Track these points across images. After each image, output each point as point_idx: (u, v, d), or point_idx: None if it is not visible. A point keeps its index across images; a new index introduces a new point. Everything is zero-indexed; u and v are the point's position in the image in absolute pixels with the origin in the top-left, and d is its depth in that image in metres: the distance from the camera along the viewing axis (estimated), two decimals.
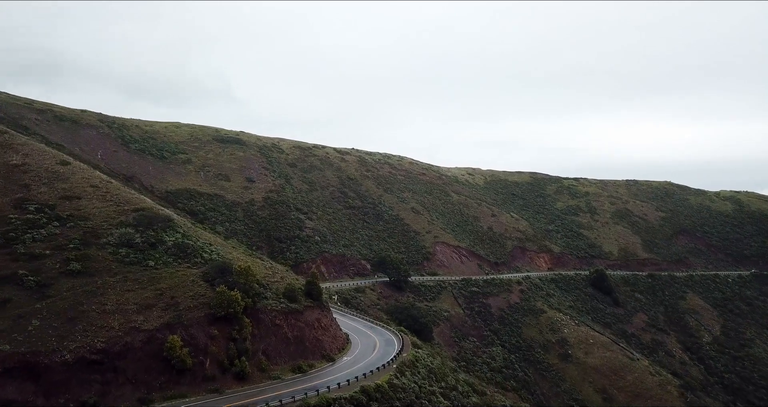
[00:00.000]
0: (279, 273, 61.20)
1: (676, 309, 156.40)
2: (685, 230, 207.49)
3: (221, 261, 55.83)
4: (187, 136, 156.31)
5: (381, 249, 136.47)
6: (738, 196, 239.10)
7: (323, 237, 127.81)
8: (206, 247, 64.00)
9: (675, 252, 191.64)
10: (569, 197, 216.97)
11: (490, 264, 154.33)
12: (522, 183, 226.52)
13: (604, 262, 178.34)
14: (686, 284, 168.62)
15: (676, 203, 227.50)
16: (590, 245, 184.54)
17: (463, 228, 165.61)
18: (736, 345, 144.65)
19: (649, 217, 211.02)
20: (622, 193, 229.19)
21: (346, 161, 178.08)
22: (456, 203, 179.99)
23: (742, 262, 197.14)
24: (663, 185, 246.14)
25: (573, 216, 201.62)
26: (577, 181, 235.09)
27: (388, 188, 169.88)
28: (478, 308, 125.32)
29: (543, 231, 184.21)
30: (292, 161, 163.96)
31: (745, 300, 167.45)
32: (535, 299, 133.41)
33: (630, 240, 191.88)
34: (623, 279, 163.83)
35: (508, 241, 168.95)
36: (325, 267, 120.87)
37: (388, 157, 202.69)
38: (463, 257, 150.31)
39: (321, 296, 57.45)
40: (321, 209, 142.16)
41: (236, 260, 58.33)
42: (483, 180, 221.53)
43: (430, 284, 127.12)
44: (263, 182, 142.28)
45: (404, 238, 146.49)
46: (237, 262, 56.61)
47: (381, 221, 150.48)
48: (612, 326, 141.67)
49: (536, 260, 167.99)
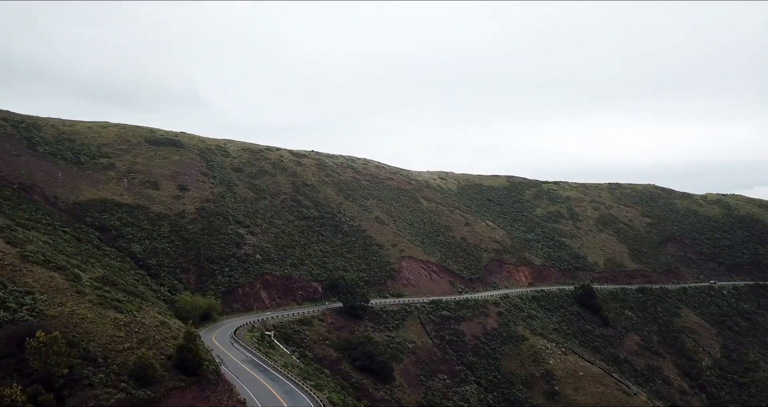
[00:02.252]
0: (148, 332, 40.45)
1: (671, 327, 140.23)
2: (673, 237, 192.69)
3: (24, 325, 35.13)
4: (114, 137, 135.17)
5: (337, 267, 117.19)
6: (726, 199, 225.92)
7: (266, 255, 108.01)
8: (20, 297, 40.88)
9: (664, 262, 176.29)
10: (549, 202, 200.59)
11: (464, 281, 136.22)
12: (498, 188, 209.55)
13: (589, 274, 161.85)
14: (680, 298, 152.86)
15: (662, 208, 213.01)
16: (574, 255, 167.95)
17: (434, 239, 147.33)
18: (739, 369, 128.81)
19: (635, 223, 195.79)
20: (605, 197, 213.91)
21: (303, 164, 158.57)
22: (426, 211, 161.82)
23: (736, 271, 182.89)
24: (647, 189, 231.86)
25: (554, 223, 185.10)
26: (557, 185, 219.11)
27: (350, 195, 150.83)
28: (449, 336, 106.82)
29: (522, 241, 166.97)
30: (238, 166, 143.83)
31: (744, 315, 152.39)
32: (515, 323, 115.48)
33: (616, 249, 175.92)
34: (611, 294, 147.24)
35: (483, 253, 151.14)
36: (265, 292, 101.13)
37: (352, 160, 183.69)
38: (433, 273, 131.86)
39: (202, 366, 38.05)
40: (267, 221, 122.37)
41: (56, 320, 37.02)
42: (456, 185, 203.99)
43: (394, 309, 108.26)
44: (199, 190, 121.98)
45: (366, 253, 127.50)
46: (55, 323, 35.71)
47: (339, 233, 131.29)
48: (602, 350, 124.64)
49: (515, 275, 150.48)
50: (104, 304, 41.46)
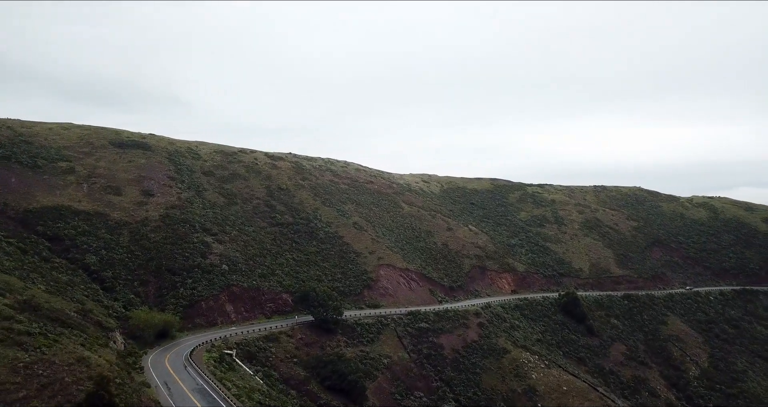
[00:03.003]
0: (56, 374, 33.87)
1: (657, 335, 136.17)
2: (659, 240, 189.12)
3: None
4: (76, 139, 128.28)
5: (310, 277, 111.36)
6: (711, 202, 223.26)
7: (233, 265, 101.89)
8: None
9: (651, 267, 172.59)
10: (533, 205, 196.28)
11: (444, 289, 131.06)
12: (482, 191, 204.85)
13: (574, 281, 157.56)
14: (666, 305, 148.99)
15: (647, 211, 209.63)
16: (558, 261, 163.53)
17: (414, 246, 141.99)
18: (727, 380, 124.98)
19: (621, 227, 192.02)
20: (591, 200, 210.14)
21: (278, 167, 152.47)
22: (407, 216, 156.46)
23: (722, 276, 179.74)
24: (633, 191, 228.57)
25: (538, 228, 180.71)
26: (542, 188, 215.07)
27: (327, 199, 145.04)
28: (427, 350, 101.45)
29: (505, 246, 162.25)
30: (209, 169, 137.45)
31: (731, 322, 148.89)
32: (497, 335, 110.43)
33: (602, 254, 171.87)
34: (597, 302, 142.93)
35: (465, 259, 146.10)
36: (231, 305, 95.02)
37: (331, 163, 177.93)
38: (412, 281, 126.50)
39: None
40: (237, 228, 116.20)
41: None
42: (439, 188, 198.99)
43: (369, 322, 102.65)
44: (165, 196, 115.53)
45: (342, 261, 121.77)
46: None
47: (315, 240, 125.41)
48: (587, 361, 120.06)
49: (498, 282, 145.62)
50: (5, 341, 35.55)
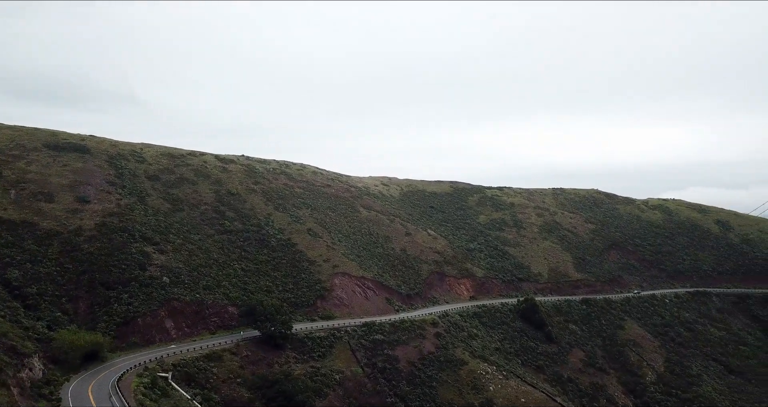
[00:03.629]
0: None
1: (615, 340, 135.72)
2: (616, 243, 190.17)
3: None
4: (6, 141, 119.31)
5: (260, 288, 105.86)
6: (666, 204, 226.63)
7: (176, 277, 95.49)
8: None
9: (608, 270, 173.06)
10: (492, 209, 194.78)
11: (402, 297, 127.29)
12: (441, 194, 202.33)
13: (533, 285, 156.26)
14: (623, 309, 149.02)
15: (605, 214, 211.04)
16: (517, 265, 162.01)
17: (372, 252, 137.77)
18: (683, 384, 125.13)
19: (579, 230, 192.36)
20: (549, 203, 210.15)
21: (229, 171, 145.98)
22: (365, 221, 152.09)
23: (677, 277, 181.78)
24: (591, 194, 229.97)
25: (497, 231, 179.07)
26: (501, 190, 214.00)
27: (281, 204, 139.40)
28: (382, 363, 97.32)
29: (464, 251, 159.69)
30: (154, 173, 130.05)
31: (686, 325, 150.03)
32: (454, 346, 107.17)
33: (560, 258, 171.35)
34: (555, 307, 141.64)
35: (423, 265, 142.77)
36: (172, 321, 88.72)
37: (286, 165, 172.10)
38: (368, 290, 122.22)
39: None
40: (182, 237, 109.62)
41: None
42: (399, 191, 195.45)
43: (321, 335, 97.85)
44: (102, 202, 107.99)
45: (294, 270, 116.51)
46: None
47: (266, 248, 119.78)
48: (546, 369, 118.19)
49: (456, 288, 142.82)
50: None
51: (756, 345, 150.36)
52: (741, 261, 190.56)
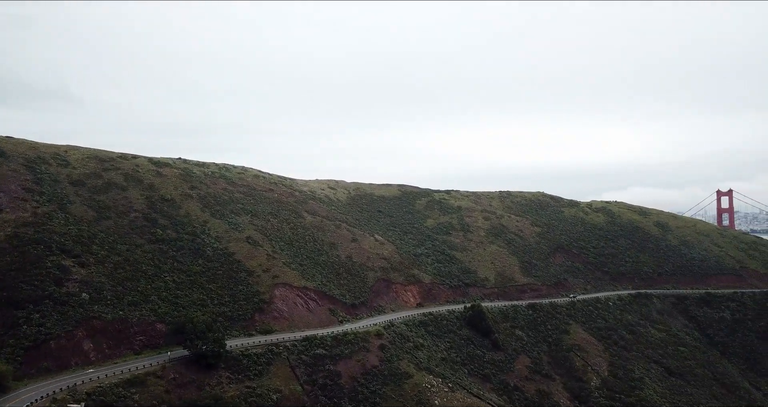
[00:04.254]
0: None
1: (561, 346, 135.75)
2: (561, 246, 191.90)
3: None
4: None
5: (192, 302, 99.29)
6: (609, 206, 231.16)
7: (97, 293, 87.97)
8: None
9: (553, 273, 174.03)
10: (440, 212, 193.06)
11: (346, 307, 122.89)
12: (390, 197, 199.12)
13: (479, 291, 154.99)
14: (569, 313, 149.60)
15: (550, 217, 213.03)
16: (464, 270, 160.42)
17: (315, 260, 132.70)
18: (626, 388, 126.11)
19: (525, 233, 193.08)
20: (496, 206, 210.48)
21: (164, 175, 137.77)
22: (309, 227, 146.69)
23: (619, 280, 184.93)
24: (537, 197, 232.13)
25: (445, 235, 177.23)
26: (449, 194, 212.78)
27: (219, 210, 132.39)
28: (323, 380, 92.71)
29: (411, 256, 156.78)
30: (78, 178, 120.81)
31: (628, 328, 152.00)
32: (399, 358, 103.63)
33: (507, 262, 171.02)
34: (502, 313, 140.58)
35: (369, 273, 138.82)
36: (91, 342, 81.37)
37: (227, 169, 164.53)
38: (311, 301, 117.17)
39: None
40: (107, 248, 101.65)
41: None
42: (346, 195, 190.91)
43: (258, 351, 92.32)
44: (16, 211, 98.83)
45: (231, 282, 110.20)
46: None
47: (201, 258, 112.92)
48: (492, 378, 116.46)
49: (403, 295, 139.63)
50: None
51: (694, 345, 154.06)
52: (679, 262, 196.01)
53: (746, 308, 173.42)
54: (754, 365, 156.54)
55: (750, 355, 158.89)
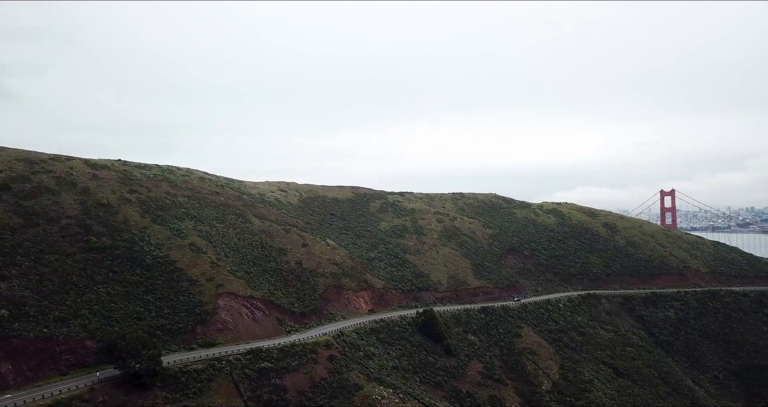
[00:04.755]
0: None
1: (513, 349, 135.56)
2: (513, 248, 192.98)
3: None
4: None
5: (128, 315, 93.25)
6: (559, 208, 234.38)
7: (18, 309, 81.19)
8: None
9: (505, 276, 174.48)
10: (394, 215, 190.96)
11: (295, 316, 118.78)
12: (343, 200, 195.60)
13: (432, 294, 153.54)
14: (520, 316, 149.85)
15: (502, 218, 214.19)
16: (417, 274, 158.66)
17: (263, 267, 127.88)
18: (576, 391, 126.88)
19: (478, 235, 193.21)
20: (449, 208, 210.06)
21: (100, 178, 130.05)
22: (257, 232, 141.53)
23: (569, 280, 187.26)
24: (489, 198, 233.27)
25: (398, 238, 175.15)
26: (403, 196, 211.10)
27: (160, 216, 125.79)
28: (268, 395, 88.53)
29: (364, 261, 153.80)
30: (3, 182, 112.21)
31: (578, 329, 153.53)
32: (349, 369, 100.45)
33: (460, 265, 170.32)
34: (455, 317, 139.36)
35: (320, 279, 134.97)
36: (10, 364, 74.79)
37: (170, 171, 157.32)
38: (257, 310, 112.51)
39: None
40: (34, 258, 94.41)
41: None
42: (298, 197, 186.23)
43: (199, 367, 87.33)
44: None
45: (171, 292, 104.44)
46: None
47: (139, 267, 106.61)
48: (444, 385, 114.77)
49: (355, 301, 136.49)
50: None
51: (640, 345, 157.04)
52: (626, 263, 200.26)
53: (689, 307, 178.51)
54: (696, 362, 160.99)
55: (693, 353, 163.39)
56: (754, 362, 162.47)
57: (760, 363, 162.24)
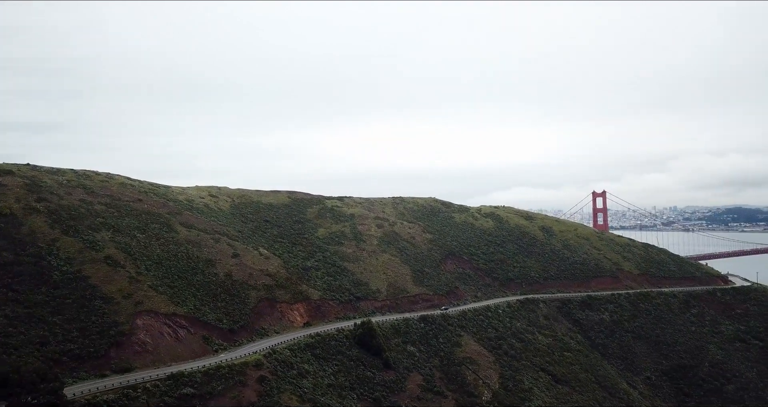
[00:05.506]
0: None
1: (453, 359, 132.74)
2: (452, 253, 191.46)
3: None
4: None
5: (29, 341, 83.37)
6: (497, 211, 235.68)
7: None
8: None
9: (445, 282, 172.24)
10: (332, 221, 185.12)
11: (223, 333, 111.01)
12: (278, 205, 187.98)
13: (371, 304, 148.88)
14: (460, 324, 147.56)
15: (442, 223, 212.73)
16: (356, 282, 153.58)
17: (189, 281, 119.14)
18: (516, 400, 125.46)
19: (417, 240, 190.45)
20: (389, 213, 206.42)
21: (4, 185, 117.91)
22: (183, 242, 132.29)
23: (508, 285, 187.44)
24: (428, 202, 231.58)
25: (337, 246, 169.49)
26: (342, 201, 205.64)
27: (73, 226, 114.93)
28: None
29: (300, 271, 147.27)
30: None
31: (517, 335, 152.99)
32: (280, 390, 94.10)
33: (399, 272, 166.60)
34: (394, 328, 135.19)
35: (252, 292, 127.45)
36: None
37: (87, 176, 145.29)
38: (181, 329, 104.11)
39: None
40: None
41: None
42: (229, 203, 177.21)
43: (110, 397, 78.62)
44: None
45: (82, 312, 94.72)
46: None
47: (45, 285, 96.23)
48: (383, 401, 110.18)
49: (289, 315, 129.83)
50: None
51: (577, 349, 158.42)
52: (563, 266, 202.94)
53: (622, 309, 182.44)
54: (630, 364, 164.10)
55: (627, 355, 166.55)
56: (684, 362, 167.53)
57: (689, 362, 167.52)
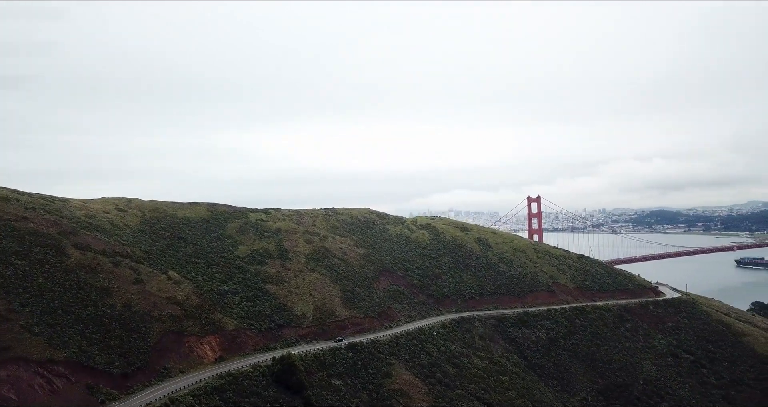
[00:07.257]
0: None
1: (382, 393, 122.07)
2: (386, 269, 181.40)
3: None
4: None
5: None
6: (433, 223, 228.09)
7: None
8: None
9: (377, 302, 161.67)
10: (256, 237, 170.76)
11: (114, 379, 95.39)
12: (195, 220, 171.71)
13: (295, 331, 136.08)
14: (391, 351, 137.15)
15: (376, 236, 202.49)
16: (278, 307, 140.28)
17: (77, 316, 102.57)
18: None
19: (349, 256, 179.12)
20: (320, 226, 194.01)
21: None
22: (75, 268, 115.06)
23: (443, 302, 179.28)
24: (363, 213, 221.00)
25: (259, 265, 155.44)
26: (268, 213, 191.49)
27: None
28: None
29: (215, 296, 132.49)
30: None
31: (452, 360, 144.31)
32: None
33: (328, 293, 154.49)
34: (318, 360, 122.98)
35: (155, 324, 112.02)
36: None
37: None
38: (59, 378, 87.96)
39: None
40: None
41: None
42: (139, 218, 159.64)
43: None
44: None
45: None
46: None
47: None
48: None
49: (198, 349, 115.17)
50: None
51: (513, 371, 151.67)
52: (499, 280, 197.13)
53: (559, 325, 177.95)
54: (566, 385, 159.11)
55: (563, 375, 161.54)
56: (619, 380, 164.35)
57: (624, 380, 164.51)
